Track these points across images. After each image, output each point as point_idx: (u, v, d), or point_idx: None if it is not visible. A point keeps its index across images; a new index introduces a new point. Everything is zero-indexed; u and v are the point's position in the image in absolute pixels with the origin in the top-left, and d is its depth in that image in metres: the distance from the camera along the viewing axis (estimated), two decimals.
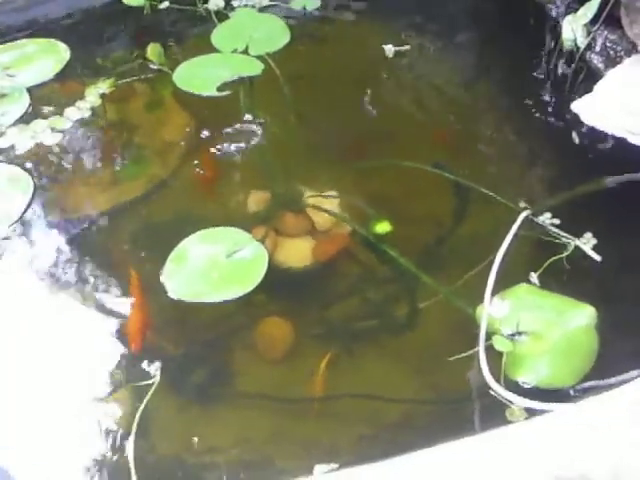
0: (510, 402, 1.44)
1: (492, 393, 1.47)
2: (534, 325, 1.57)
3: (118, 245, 1.89)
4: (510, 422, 1.40)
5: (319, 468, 1.39)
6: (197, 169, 2.07)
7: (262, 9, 2.66)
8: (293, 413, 1.56)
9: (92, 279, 1.79)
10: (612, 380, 1.41)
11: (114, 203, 1.98)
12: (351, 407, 1.54)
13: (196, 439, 1.49)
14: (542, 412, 1.34)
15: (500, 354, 1.52)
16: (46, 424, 1.53)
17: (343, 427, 1.52)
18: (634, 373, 1.41)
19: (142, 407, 1.52)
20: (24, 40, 2.59)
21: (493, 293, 1.62)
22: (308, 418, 1.54)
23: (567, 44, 2.11)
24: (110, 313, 1.72)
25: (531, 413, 1.40)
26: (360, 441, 1.49)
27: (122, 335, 1.67)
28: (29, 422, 1.54)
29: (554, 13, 2.25)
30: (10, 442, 1.50)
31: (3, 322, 1.74)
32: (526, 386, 1.49)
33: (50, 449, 1.49)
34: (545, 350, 1.53)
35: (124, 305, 1.73)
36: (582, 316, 1.57)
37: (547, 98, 2.20)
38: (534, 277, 1.68)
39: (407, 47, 2.43)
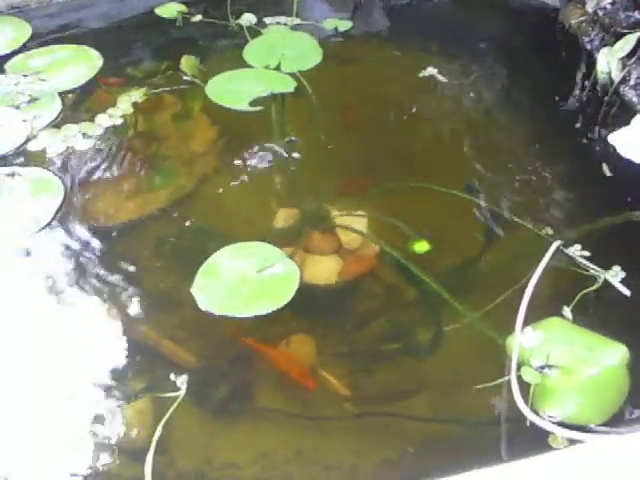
0: (549, 432, 1.43)
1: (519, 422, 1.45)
2: (565, 360, 1.54)
3: (145, 254, 1.88)
4: (553, 449, 1.40)
5: None
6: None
7: (294, 27, 2.68)
8: (315, 431, 1.54)
9: (118, 286, 1.79)
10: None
11: (141, 211, 1.99)
12: (374, 428, 1.53)
13: (216, 455, 1.48)
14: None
15: (526, 386, 1.50)
16: (68, 429, 1.53)
17: (366, 448, 1.50)
18: None
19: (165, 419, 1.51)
20: (56, 46, 2.60)
21: (523, 323, 1.61)
22: (330, 437, 1.53)
23: (601, 77, 2.12)
24: (135, 320, 1.72)
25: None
26: (382, 465, 1.47)
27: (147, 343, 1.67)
28: (48, 426, 1.54)
29: (588, 45, 2.26)
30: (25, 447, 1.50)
31: (29, 324, 1.74)
32: (552, 420, 1.46)
33: (68, 455, 1.49)
34: (575, 386, 1.50)
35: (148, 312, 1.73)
36: (615, 355, 1.54)
37: (578, 130, 2.20)
38: (567, 311, 1.65)
39: (443, 79, 2.43)
